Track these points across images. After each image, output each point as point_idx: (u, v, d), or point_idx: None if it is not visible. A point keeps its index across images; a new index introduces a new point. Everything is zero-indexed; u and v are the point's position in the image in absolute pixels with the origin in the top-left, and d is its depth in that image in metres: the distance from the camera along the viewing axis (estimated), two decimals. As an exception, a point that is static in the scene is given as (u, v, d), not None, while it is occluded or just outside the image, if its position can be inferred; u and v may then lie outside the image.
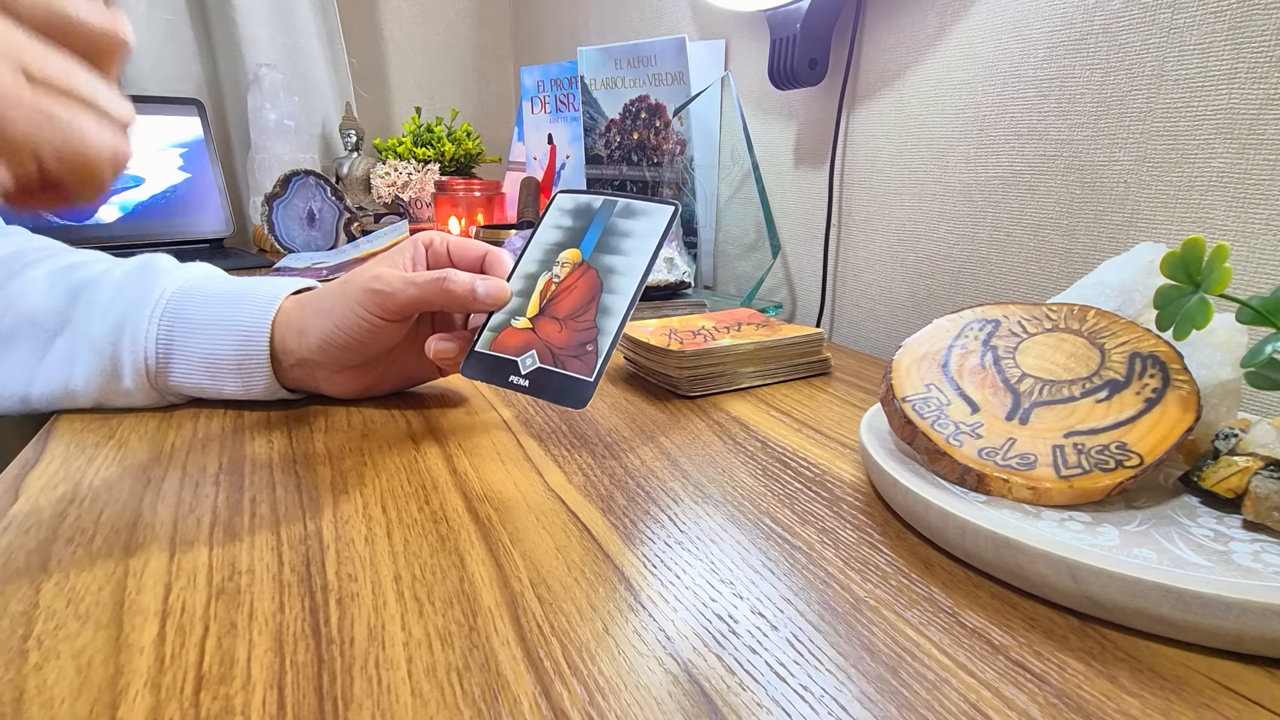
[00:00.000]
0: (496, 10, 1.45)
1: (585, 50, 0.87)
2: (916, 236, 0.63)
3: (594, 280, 0.40)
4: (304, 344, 0.41)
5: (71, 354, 0.41)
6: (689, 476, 0.36)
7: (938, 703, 0.21)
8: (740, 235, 0.78)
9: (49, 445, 0.39)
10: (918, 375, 0.35)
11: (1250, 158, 0.41)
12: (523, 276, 0.43)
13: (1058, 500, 0.29)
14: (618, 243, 0.41)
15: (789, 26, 0.64)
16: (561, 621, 0.25)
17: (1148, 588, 0.23)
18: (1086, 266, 0.50)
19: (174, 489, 0.34)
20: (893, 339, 0.66)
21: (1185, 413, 0.29)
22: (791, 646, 0.24)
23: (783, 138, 0.76)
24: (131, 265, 0.44)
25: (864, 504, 0.34)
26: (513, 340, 0.40)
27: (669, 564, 0.28)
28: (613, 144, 0.89)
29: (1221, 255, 0.29)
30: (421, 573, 0.27)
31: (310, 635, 0.24)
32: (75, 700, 0.21)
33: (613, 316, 0.39)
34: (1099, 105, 0.48)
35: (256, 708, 0.21)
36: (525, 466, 0.37)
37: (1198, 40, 0.43)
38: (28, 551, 0.28)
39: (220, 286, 0.43)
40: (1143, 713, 0.21)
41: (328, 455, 0.38)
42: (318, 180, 1.06)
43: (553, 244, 0.43)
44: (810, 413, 0.46)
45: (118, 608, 0.25)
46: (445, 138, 1.21)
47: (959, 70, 0.57)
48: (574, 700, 0.21)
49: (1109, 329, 0.34)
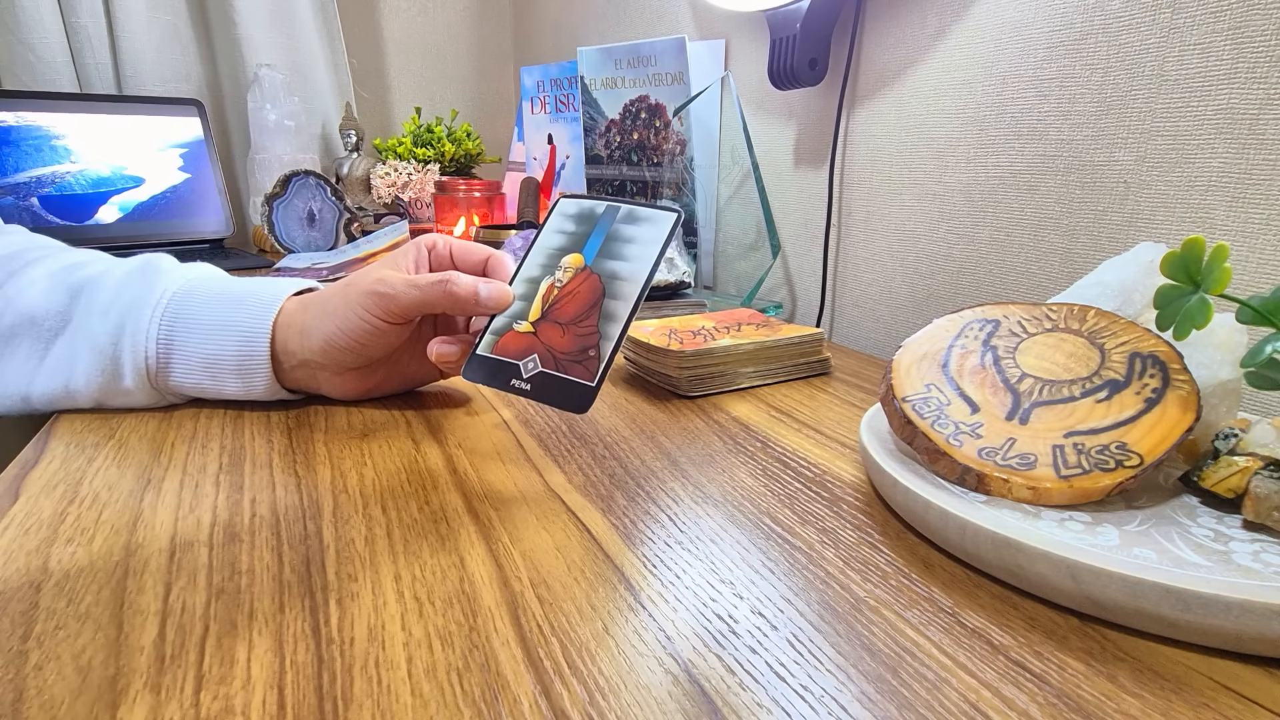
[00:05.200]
0: (496, 10, 1.45)
1: (585, 50, 0.87)
2: (916, 236, 0.63)
3: (596, 286, 0.40)
4: (306, 345, 0.41)
5: (72, 354, 0.41)
6: (689, 476, 0.36)
7: (938, 703, 0.21)
8: (740, 235, 0.78)
9: (49, 445, 0.39)
10: (918, 375, 0.35)
11: (1250, 158, 0.41)
12: (525, 280, 0.43)
13: (1058, 500, 0.29)
14: (621, 249, 0.41)
15: (789, 26, 0.64)
16: (561, 621, 0.25)
17: (1148, 588, 0.23)
18: (1086, 266, 0.50)
19: (174, 489, 0.34)
20: (893, 339, 0.66)
21: (1185, 413, 0.29)
22: (791, 646, 0.24)
23: (783, 138, 0.76)
24: (132, 265, 0.44)
25: (864, 504, 0.34)
26: (515, 344, 0.40)
27: (669, 564, 0.28)
28: (613, 144, 0.89)
29: (1221, 255, 0.29)
30: (421, 573, 0.27)
31: (310, 635, 0.24)
32: (75, 700, 0.21)
33: (615, 322, 0.39)
34: (1099, 105, 0.48)
35: (256, 708, 0.21)
36: (525, 466, 0.37)
37: (1198, 40, 0.43)
38: (28, 551, 0.28)
39: (221, 287, 0.43)
40: (1143, 713, 0.21)
41: (328, 455, 0.38)
42: (318, 180, 1.06)
43: (555, 248, 0.43)
44: (810, 413, 0.46)
45: (118, 608, 0.25)
46: (445, 138, 1.21)
47: (959, 70, 0.57)
48: (574, 700, 0.21)
49: (1109, 329, 0.34)
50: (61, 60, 1.06)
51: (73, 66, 1.08)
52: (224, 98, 1.23)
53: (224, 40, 1.18)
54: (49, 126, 1.00)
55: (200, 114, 1.12)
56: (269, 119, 1.15)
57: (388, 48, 1.37)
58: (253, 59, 1.17)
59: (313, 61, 1.27)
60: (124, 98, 1.09)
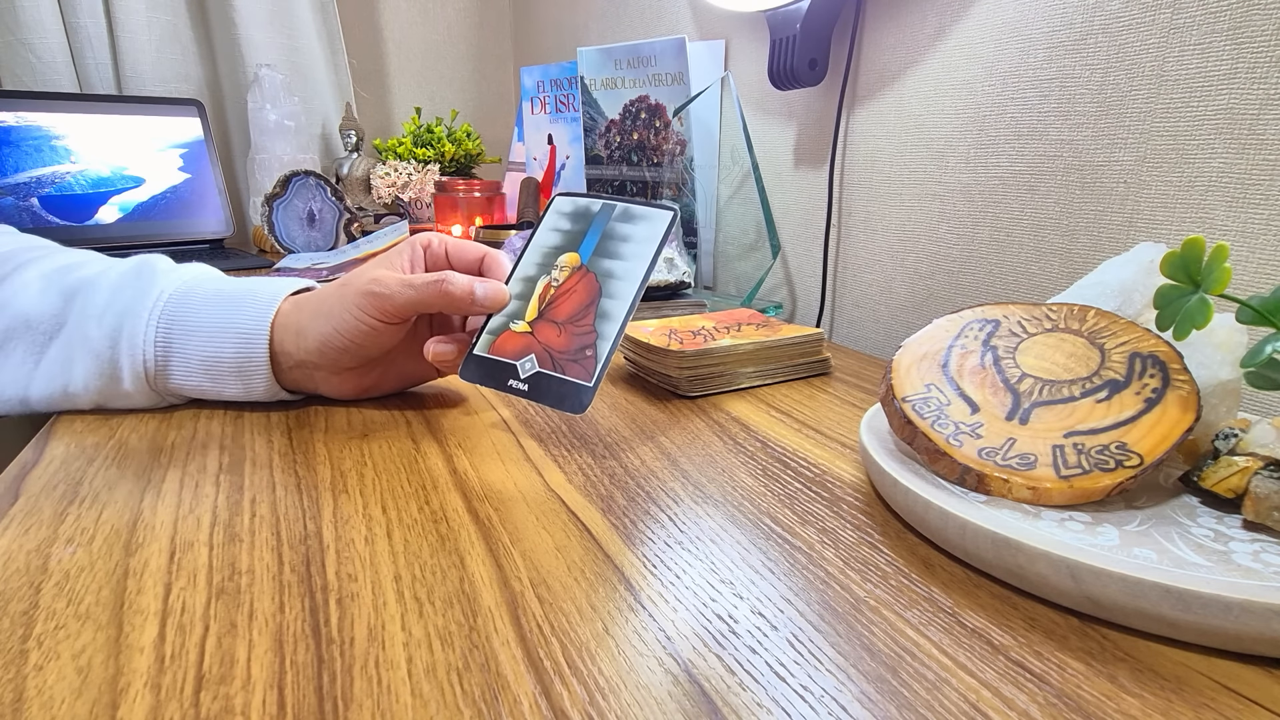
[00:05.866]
0: (496, 10, 1.45)
1: (585, 50, 0.87)
2: (916, 236, 0.63)
3: (593, 284, 0.40)
4: (302, 346, 0.41)
5: (68, 358, 0.41)
6: (689, 476, 0.36)
7: (938, 703, 0.21)
8: (740, 235, 0.78)
9: (49, 446, 0.39)
10: (918, 375, 0.35)
11: (1250, 158, 0.41)
12: (521, 279, 0.43)
13: (1058, 500, 0.29)
14: (617, 247, 0.41)
15: (789, 27, 0.64)
16: (561, 621, 0.25)
17: (1148, 588, 0.23)
18: (1086, 266, 0.50)
19: (174, 489, 0.34)
20: (893, 339, 0.66)
21: (1185, 413, 0.29)
22: (791, 646, 0.24)
23: (783, 138, 0.76)
24: (127, 267, 0.44)
25: (864, 504, 0.34)
26: (511, 344, 0.40)
27: (669, 564, 0.28)
28: (613, 144, 0.89)
29: (1221, 255, 0.29)
30: (421, 573, 0.27)
31: (310, 635, 0.24)
32: (75, 700, 0.21)
33: (612, 321, 0.39)
34: (1099, 105, 0.48)
35: (256, 708, 0.21)
36: (525, 466, 0.37)
37: (1198, 40, 0.43)
38: (28, 551, 0.28)
39: (218, 288, 0.43)
40: (1143, 713, 0.21)
41: (328, 455, 0.38)
42: (318, 181, 1.06)
43: (551, 247, 0.43)
44: (810, 413, 0.46)
45: (118, 608, 0.25)
46: (445, 138, 1.21)
47: (959, 70, 0.57)
48: (574, 700, 0.21)
49: (1109, 329, 0.34)
50: (61, 60, 1.06)
51: (73, 67, 1.08)
52: (224, 98, 1.23)
53: (224, 40, 1.18)
54: (49, 126, 1.00)
55: (200, 114, 1.12)
56: (269, 119, 1.15)
57: (388, 48, 1.37)
58: (253, 59, 1.17)
59: (313, 61, 1.27)
60: (124, 98, 1.09)
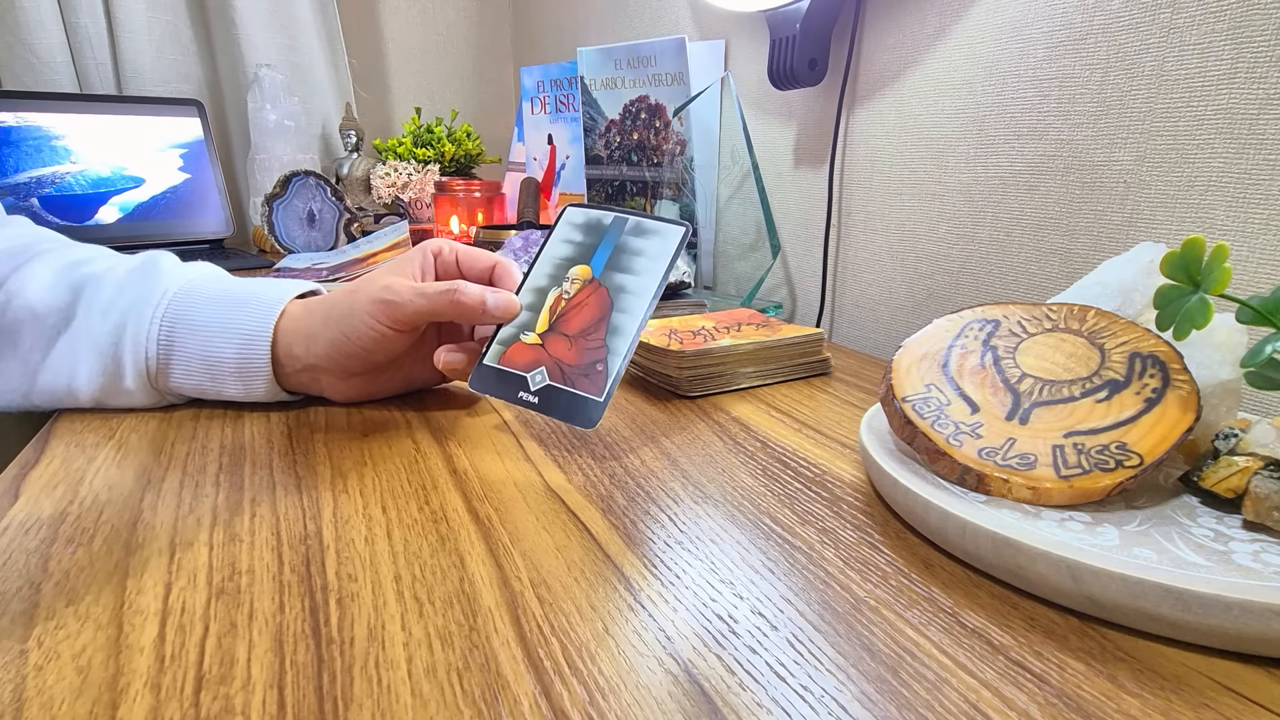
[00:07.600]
0: (496, 10, 1.45)
1: (585, 50, 0.87)
2: (916, 236, 0.63)
3: (605, 298, 0.40)
4: (312, 350, 0.41)
5: (74, 352, 0.41)
6: (689, 477, 0.36)
7: (938, 703, 0.21)
8: (740, 235, 0.78)
9: (49, 445, 0.39)
10: (918, 375, 0.35)
11: (1250, 158, 0.41)
12: (532, 290, 0.42)
13: (1058, 500, 0.29)
14: (629, 261, 0.41)
15: (789, 27, 0.64)
16: (561, 621, 0.25)
17: (1148, 588, 0.23)
18: (1086, 266, 0.50)
19: (174, 489, 0.34)
20: (893, 339, 0.66)
21: (1185, 413, 0.29)
22: (791, 646, 0.24)
23: (783, 138, 0.76)
24: (134, 263, 0.44)
25: (864, 504, 0.34)
26: (522, 356, 0.40)
27: (669, 564, 0.28)
28: (613, 144, 0.89)
29: (1221, 255, 0.29)
30: (421, 573, 0.27)
31: (310, 635, 0.24)
32: (75, 700, 0.21)
33: (623, 336, 0.39)
34: (1099, 105, 0.48)
35: (256, 708, 0.21)
36: (525, 466, 0.37)
37: (1198, 40, 0.43)
38: (28, 552, 0.28)
39: (222, 288, 0.43)
40: (1143, 713, 0.21)
41: (328, 455, 0.38)
42: (318, 181, 1.06)
43: (563, 259, 0.43)
44: (810, 413, 0.46)
45: (118, 608, 0.25)
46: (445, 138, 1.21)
47: (959, 70, 0.57)
48: (574, 700, 0.21)
49: (1109, 329, 0.34)
50: (61, 60, 1.06)
51: (73, 67, 1.08)
52: (224, 98, 1.23)
53: (224, 40, 1.18)
54: (49, 127, 1.00)
55: (200, 114, 1.12)
56: (269, 119, 1.15)
57: (388, 48, 1.37)
58: (253, 59, 1.17)
59: (313, 61, 1.27)
60: (124, 98, 1.09)
